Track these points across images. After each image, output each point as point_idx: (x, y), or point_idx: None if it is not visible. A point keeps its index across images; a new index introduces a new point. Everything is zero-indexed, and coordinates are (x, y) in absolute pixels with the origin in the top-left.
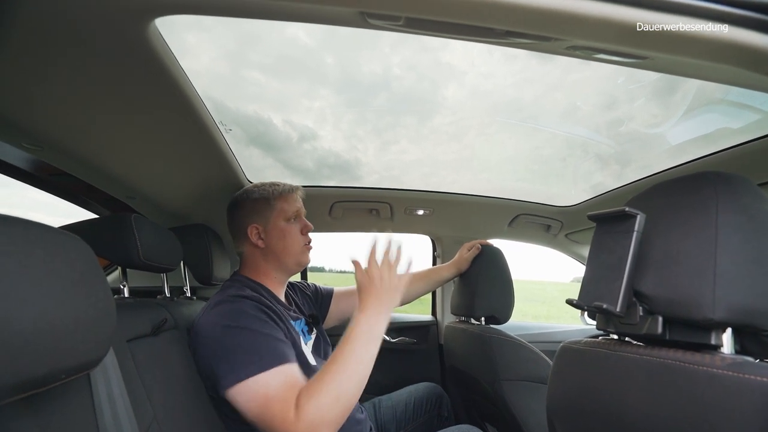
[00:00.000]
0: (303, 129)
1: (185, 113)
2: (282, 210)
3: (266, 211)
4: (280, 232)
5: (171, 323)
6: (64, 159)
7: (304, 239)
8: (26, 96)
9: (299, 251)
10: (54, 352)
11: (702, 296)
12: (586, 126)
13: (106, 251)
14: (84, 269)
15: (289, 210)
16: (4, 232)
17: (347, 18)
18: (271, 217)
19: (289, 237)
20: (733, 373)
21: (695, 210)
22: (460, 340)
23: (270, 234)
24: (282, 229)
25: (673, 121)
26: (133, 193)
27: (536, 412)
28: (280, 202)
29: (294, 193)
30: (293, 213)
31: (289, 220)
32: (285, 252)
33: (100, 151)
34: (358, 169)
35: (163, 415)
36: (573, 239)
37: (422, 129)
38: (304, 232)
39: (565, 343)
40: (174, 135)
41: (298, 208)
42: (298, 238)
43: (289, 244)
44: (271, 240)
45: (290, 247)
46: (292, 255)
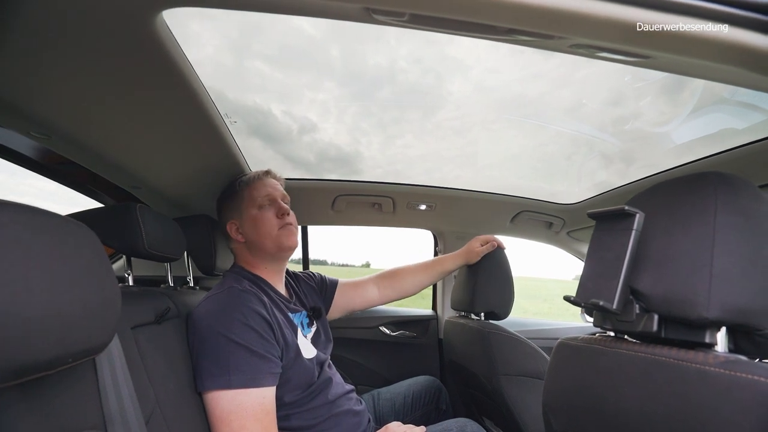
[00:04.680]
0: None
1: (191, 105)
2: (251, 198)
3: (238, 204)
4: (252, 221)
5: (174, 312)
6: (70, 148)
7: (279, 222)
8: (35, 85)
9: (277, 234)
10: (61, 337)
11: (697, 295)
12: (592, 123)
13: (111, 240)
14: (90, 257)
15: (258, 196)
16: (11, 219)
17: (353, 13)
18: (243, 208)
19: (263, 223)
20: (726, 371)
21: (694, 210)
22: (459, 335)
23: (245, 225)
24: (254, 217)
25: (679, 120)
26: (138, 183)
27: (532, 407)
28: (248, 191)
29: (262, 179)
30: (264, 198)
31: (261, 207)
32: (262, 239)
33: (107, 140)
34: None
35: (165, 401)
36: (575, 237)
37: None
38: (279, 215)
39: (562, 339)
40: (179, 126)
41: (268, 192)
42: (273, 221)
43: (264, 230)
44: (247, 231)
45: (266, 233)
46: (270, 239)
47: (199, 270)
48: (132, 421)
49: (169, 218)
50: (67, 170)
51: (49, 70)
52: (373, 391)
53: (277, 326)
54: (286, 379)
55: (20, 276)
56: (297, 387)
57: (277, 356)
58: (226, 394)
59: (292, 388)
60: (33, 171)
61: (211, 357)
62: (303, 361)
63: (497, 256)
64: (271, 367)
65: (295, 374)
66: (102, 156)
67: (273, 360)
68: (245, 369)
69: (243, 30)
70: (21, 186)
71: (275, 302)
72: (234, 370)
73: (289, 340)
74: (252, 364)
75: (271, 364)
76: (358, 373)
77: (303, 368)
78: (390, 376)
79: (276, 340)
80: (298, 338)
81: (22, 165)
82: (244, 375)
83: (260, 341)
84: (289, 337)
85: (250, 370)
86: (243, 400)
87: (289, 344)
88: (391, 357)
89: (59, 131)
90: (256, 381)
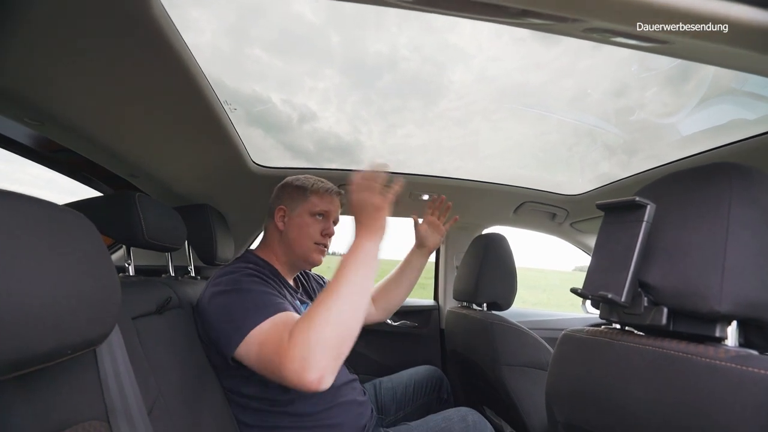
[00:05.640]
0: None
1: (189, 91)
2: (312, 203)
3: (299, 199)
4: (300, 222)
5: (175, 302)
6: (65, 135)
7: (320, 239)
8: (28, 70)
9: (311, 248)
10: (59, 328)
11: (709, 288)
12: (595, 114)
13: (110, 230)
14: (88, 247)
15: (319, 206)
16: (6, 208)
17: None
18: (299, 205)
19: (307, 230)
20: (737, 365)
21: (708, 201)
22: (461, 326)
23: (292, 221)
24: (303, 221)
25: (686, 111)
26: (136, 171)
27: (534, 397)
28: (315, 197)
29: (332, 196)
30: (321, 210)
31: (314, 216)
32: (297, 243)
33: (103, 127)
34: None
35: (168, 391)
36: (578, 228)
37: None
38: (324, 233)
39: (567, 331)
40: (178, 113)
41: (329, 209)
42: (316, 235)
43: (304, 236)
44: (290, 226)
45: (304, 241)
46: (303, 248)
47: (200, 260)
48: (135, 412)
49: (169, 207)
50: (64, 158)
51: (42, 54)
52: (374, 381)
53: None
54: None
55: (14, 267)
56: None
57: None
58: (261, 326)
59: None
60: (28, 158)
61: (232, 316)
62: None
63: (500, 247)
64: (288, 306)
65: None
66: (98, 143)
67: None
68: (268, 303)
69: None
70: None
71: (281, 287)
72: (261, 307)
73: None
74: (272, 300)
75: (288, 306)
76: (360, 362)
77: None
78: (392, 365)
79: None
80: None
81: (16, 152)
82: (271, 307)
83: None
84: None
85: (272, 304)
86: (278, 319)
87: None
88: (392, 347)
89: (53, 118)
90: (283, 308)
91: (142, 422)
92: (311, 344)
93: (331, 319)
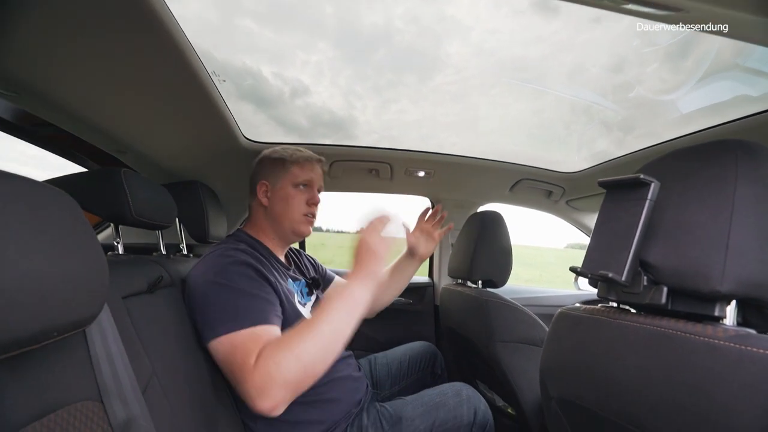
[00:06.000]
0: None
1: (176, 62)
2: (294, 174)
3: (279, 172)
4: (284, 195)
5: (167, 280)
6: (45, 108)
7: (307, 209)
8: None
9: (298, 220)
10: (44, 310)
11: (711, 268)
12: (593, 89)
13: (96, 207)
14: (70, 225)
15: (301, 176)
16: None
17: None
18: (281, 178)
19: (292, 202)
20: (736, 345)
21: (713, 179)
22: (456, 302)
23: (275, 194)
24: (287, 193)
25: (686, 88)
26: (122, 147)
27: (528, 372)
28: (295, 167)
29: (313, 164)
30: (304, 180)
31: (298, 187)
32: (284, 216)
33: (85, 100)
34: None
35: (162, 370)
36: (573, 206)
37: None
38: (309, 202)
39: (563, 309)
40: (165, 85)
41: (311, 177)
42: (301, 206)
43: (290, 209)
44: (274, 200)
45: (290, 213)
46: (291, 221)
47: (192, 237)
48: (128, 391)
49: (158, 184)
50: (47, 133)
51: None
52: (369, 356)
53: (275, 281)
54: None
55: None
56: None
57: (278, 303)
58: (237, 333)
59: None
60: (7, 132)
61: (216, 307)
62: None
63: (496, 224)
64: (275, 310)
65: None
66: (80, 117)
67: (276, 305)
68: (252, 310)
69: None
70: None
71: (273, 266)
72: (242, 312)
73: (286, 300)
74: (257, 306)
75: (275, 308)
76: (355, 338)
77: None
78: (386, 341)
79: (275, 291)
80: (296, 302)
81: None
82: (253, 315)
83: (262, 288)
84: (285, 296)
85: (257, 310)
86: (256, 331)
87: (285, 303)
88: (387, 323)
89: (29, 88)
90: (265, 319)
91: (136, 401)
92: (273, 377)
93: (302, 357)
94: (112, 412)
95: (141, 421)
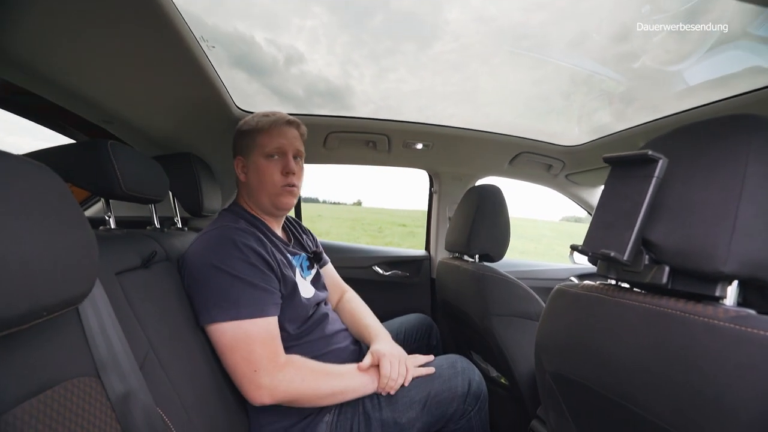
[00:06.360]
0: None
1: (161, 26)
2: (262, 144)
3: (249, 144)
4: (257, 168)
5: (162, 255)
6: (21, 75)
7: (283, 180)
8: None
9: (276, 192)
10: (30, 291)
11: (716, 248)
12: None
13: (83, 181)
14: (54, 201)
15: (270, 144)
16: None
17: None
18: (252, 151)
19: (265, 176)
20: (735, 326)
21: (723, 156)
22: (453, 276)
23: (250, 169)
24: (259, 166)
25: (694, 58)
26: (109, 117)
27: (523, 346)
28: (262, 136)
29: (280, 128)
30: (274, 149)
31: (269, 157)
32: (261, 191)
33: (65, 67)
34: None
35: (159, 345)
36: (572, 180)
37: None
38: (284, 172)
39: (560, 286)
40: (150, 51)
41: (280, 144)
42: (276, 177)
43: (265, 182)
44: (250, 175)
45: (266, 187)
46: (268, 195)
47: (186, 211)
48: (125, 366)
49: (148, 156)
50: (28, 102)
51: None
52: None
53: (276, 266)
54: (282, 310)
55: None
56: (292, 321)
57: (277, 288)
58: (232, 324)
59: (287, 319)
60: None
61: (213, 291)
62: (299, 298)
63: (495, 199)
64: (273, 298)
65: (291, 309)
66: (61, 85)
67: (275, 292)
68: (249, 301)
69: None
70: None
71: (274, 243)
72: (239, 302)
73: (288, 277)
74: (255, 297)
75: (274, 296)
76: None
77: (299, 305)
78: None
79: (275, 275)
80: (297, 277)
81: None
82: (249, 307)
83: (261, 276)
84: (287, 274)
85: (255, 302)
86: (249, 329)
87: (287, 281)
88: (383, 296)
89: (5, 56)
90: (261, 311)
91: (133, 376)
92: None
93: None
94: (110, 386)
95: (140, 395)
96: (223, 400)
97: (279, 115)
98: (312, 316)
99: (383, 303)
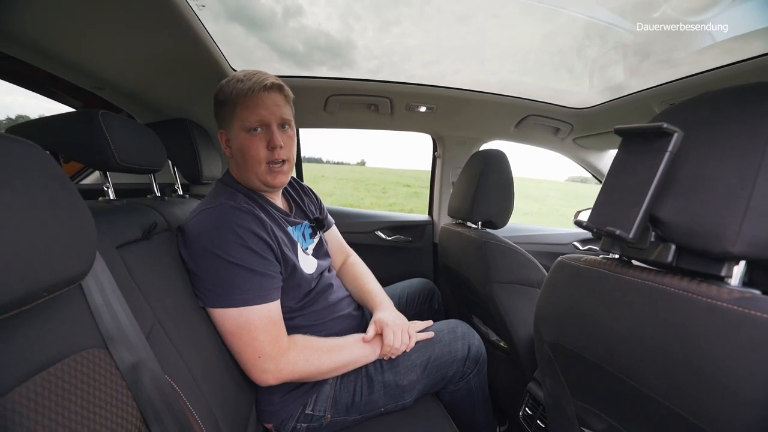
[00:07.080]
0: (287, 1)
1: None
2: (241, 117)
3: (228, 116)
4: (239, 145)
5: (163, 225)
6: (6, 41)
7: (268, 156)
8: None
9: (262, 171)
10: (27, 272)
11: (726, 228)
12: (612, 9)
13: (76, 154)
14: (43, 179)
15: (249, 117)
16: None
17: None
18: (232, 123)
19: (249, 151)
20: (739, 307)
21: (744, 130)
22: (455, 242)
23: (233, 143)
24: (241, 142)
25: (721, 7)
26: (101, 83)
27: (523, 313)
28: (241, 108)
29: (259, 94)
30: (256, 122)
31: (250, 132)
32: (247, 169)
33: (51, 31)
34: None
35: (164, 317)
36: (580, 144)
37: (426, 8)
38: (270, 146)
39: (563, 258)
40: (136, 10)
41: (261, 116)
42: (261, 153)
43: (249, 161)
44: (234, 150)
45: (251, 165)
46: (254, 173)
47: (186, 179)
48: (132, 338)
49: (141, 125)
50: (16, 67)
51: None
52: None
53: (277, 246)
54: (283, 289)
55: None
56: (294, 296)
57: (278, 272)
58: (232, 311)
59: (289, 298)
60: None
61: (211, 277)
62: (300, 276)
63: (499, 164)
64: (273, 283)
65: (293, 287)
66: (47, 50)
67: (275, 276)
68: (249, 288)
69: None
70: None
71: (274, 218)
72: (238, 289)
73: (289, 258)
74: (255, 283)
75: (274, 281)
76: None
77: (301, 281)
78: (386, 278)
79: (276, 258)
80: (298, 255)
81: None
82: (249, 293)
83: (261, 261)
84: (288, 255)
85: (254, 288)
86: (250, 315)
87: (288, 262)
88: (386, 260)
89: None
90: (261, 297)
91: (141, 346)
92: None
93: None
94: (119, 357)
95: (149, 364)
96: (228, 366)
97: (257, 78)
98: (315, 287)
99: (386, 268)
